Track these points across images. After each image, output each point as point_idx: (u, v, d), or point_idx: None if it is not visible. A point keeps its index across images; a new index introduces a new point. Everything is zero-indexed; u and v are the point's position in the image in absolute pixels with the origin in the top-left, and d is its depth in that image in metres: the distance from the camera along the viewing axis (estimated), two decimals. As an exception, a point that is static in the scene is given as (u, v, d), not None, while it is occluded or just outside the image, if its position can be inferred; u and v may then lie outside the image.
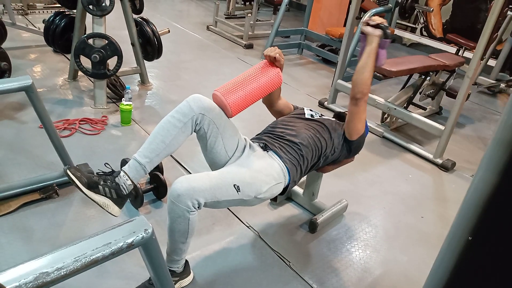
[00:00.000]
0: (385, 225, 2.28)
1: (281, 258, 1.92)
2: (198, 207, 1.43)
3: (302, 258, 1.95)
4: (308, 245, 2.04)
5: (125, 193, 1.53)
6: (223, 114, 1.64)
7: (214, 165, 1.69)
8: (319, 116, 1.98)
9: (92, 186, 1.48)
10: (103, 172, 1.57)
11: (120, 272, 1.71)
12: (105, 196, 1.50)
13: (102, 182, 1.50)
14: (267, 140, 1.79)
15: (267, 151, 1.74)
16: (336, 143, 1.87)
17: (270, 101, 1.98)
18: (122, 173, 1.53)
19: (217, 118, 1.60)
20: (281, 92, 1.99)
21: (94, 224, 1.94)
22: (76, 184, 1.47)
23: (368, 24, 1.75)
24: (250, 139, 1.81)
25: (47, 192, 2.03)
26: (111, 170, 1.58)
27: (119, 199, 1.52)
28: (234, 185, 1.51)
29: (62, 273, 0.82)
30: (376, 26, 1.73)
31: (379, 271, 1.95)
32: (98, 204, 1.49)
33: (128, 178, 1.53)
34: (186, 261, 1.67)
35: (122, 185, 1.52)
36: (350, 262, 1.98)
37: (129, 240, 0.91)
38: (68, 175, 1.48)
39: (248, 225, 2.10)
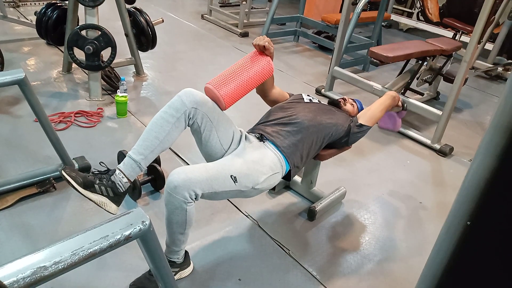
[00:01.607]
0: (383, 212, 2.29)
1: (280, 247, 1.93)
2: (195, 198, 1.42)
3: (302, 246, 1.96)
4: (307, 233, 2.05)
5: (122, 191, 1.52)
6: (217, 107, 1.62)
7: (210, 159, 1.68)
8: (318, 101, 1.99)
9: (88, 185, 1.48)
10: (98, 171, 1.56)
11: (120, 264, 1.71)
12: (102, 194, 1.49)
13: (97, 181, 1.49)
14: (263, 129, 1.78)
15: (264, 142, 1.73)
16: (337, 124, 1.87)
17: (263, 91, 1.96)
18: (117, 171, 1.52)
19: (210, 111, 1.59)
20: (278, 80, 1.98)
21: (92, 217, 1.94)
22: (72, 185, 1.46)
23: None
24: (246, 131, 1.81)
25: (44, 186, 2.02)
26: (106, 168, 1.57)
27: (116, 197, 1.52)
28: (231, 176, 1.50)
29: (60, 267, 0.81)
30: None
31: (378, 258, 1.96)
32: (95, 203, 1.49)
33: (124, 176, 1.52)
34: (186, 251, 1.67)
35: (118, 183, 1.51)
36: (349, 249, 1.99)
37: (127, 233, 0.90)
38: (63, 176, 1.47)
39: (247, 215, 2.10)
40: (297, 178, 2.31)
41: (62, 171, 1.48)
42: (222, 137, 1.63)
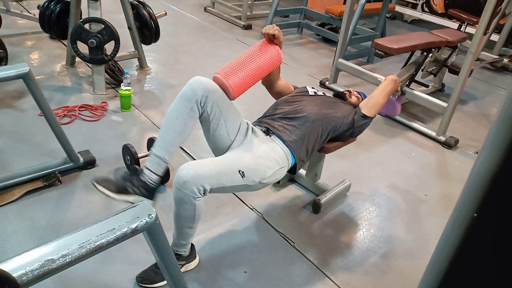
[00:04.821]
0: (388, 204, 2.28)
1: (285, 239, 1.93)
2: (203, 193, 1.44)
3: (306, 238, 1.96)
4: (312, 226, 2.05)
5: (154, 187, 1.58)
6: (225, 97, 1.63)
7: (217, 149, 1.69)
8: (322, 93, 1.98)
9: (122, 190, 1.54)
10: (128, 172, 1.59)
11: (126, 257, 1.72)
12: (136, 194, 1.55)
13: (129, 184, 1.55)
14: (269, 123, 1.78)
15: (270, 135, 1.73)
16: (342, 117, 1.87)
17: (269, 81, 1.96)
18: (146, 171, 1.57)
19: (219, 100, 1.60)
20: (282, 72, 1.97)
21: (98, 210, 1.95)
22: (107, 194, 1.52)
23: None
24: (252, 123, 1.81)
25: (50, 179, 2.03)
26: (129, 162, 1.61)
27: (149, 194, 1.58)
28: (239, 171, 1.51)
29: (68, 260, 0.82)
30: None
31: (384, 250, 1.96)
32: (132, 203, 1.54)
33: (151, 173, 1.57)
34: (192, 244, 1.68)
35: (148, 181, 1.56)
36: (354, 241, 1.99)
37: (133, 226, 0.91)
38: (97, 188, 1.53)
39: (252, 207, 2.11)
40: (302, 171, 2.31)
41: (95, 183, 1.53)
42: (229, 127, 1.64)
